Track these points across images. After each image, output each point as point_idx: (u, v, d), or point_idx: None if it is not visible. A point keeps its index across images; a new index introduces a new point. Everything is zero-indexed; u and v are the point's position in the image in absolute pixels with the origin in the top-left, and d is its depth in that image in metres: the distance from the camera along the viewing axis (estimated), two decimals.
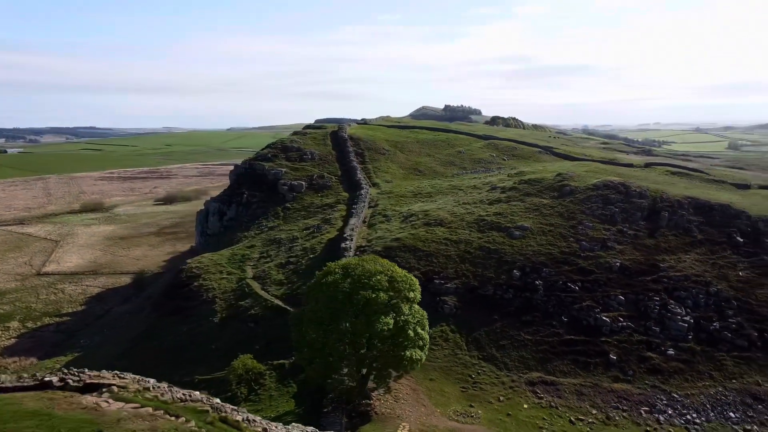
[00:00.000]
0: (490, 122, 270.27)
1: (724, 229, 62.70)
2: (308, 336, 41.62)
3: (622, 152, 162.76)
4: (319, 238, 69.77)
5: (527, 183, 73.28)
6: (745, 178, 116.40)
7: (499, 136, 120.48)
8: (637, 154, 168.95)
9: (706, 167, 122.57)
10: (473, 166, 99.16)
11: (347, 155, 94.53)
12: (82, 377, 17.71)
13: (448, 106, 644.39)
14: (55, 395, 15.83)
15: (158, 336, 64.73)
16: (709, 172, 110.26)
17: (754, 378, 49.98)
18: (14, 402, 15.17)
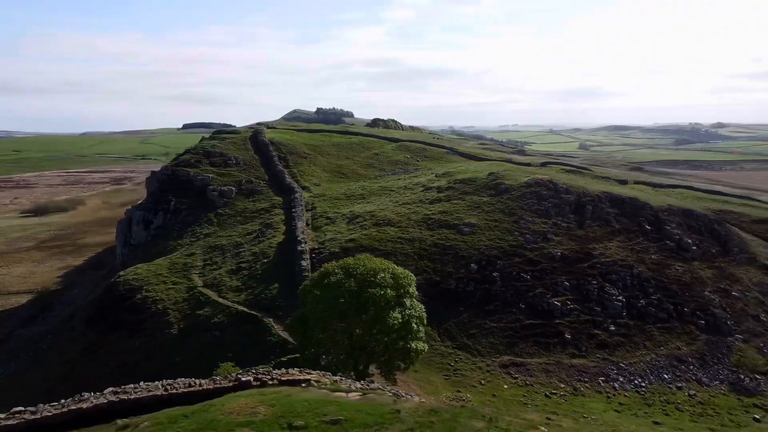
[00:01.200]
0: (371, 124, 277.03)
1: (635, 219, 71.93)
2: (315, 337, 42.66)
3: (502, 151, 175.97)
4: (267, 243, 69.53)
5: (462, 183, 78.30)
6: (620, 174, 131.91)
7: (407, 139, 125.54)
8: (513, 153, 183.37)
9: (586, 165, 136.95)
10: (392, 168, 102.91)
11: (271, 160, 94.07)
12: (273, 376, 18.44)
13: (320, 109, 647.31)
14: (292, 389, 16.64)
15: (103, 354, 61.12)
16: (593, 170, 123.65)
17: (675, 344, 58.45)
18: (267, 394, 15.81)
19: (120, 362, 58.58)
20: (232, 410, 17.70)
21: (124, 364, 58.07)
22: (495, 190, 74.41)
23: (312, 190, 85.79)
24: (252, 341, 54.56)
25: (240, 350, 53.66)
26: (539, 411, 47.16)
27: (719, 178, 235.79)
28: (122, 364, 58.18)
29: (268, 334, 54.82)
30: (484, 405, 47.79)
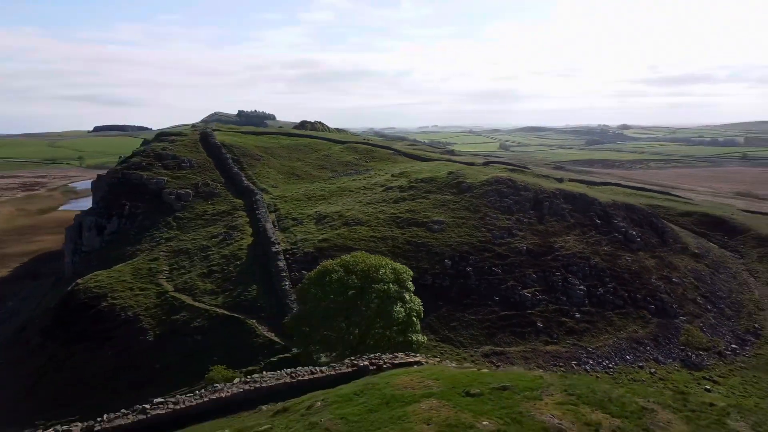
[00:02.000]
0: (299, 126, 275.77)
1: (586, 213, 76.96)
2: (320, 333, 43.56)
3: (433, 152, 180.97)
4: (237, 245, 68.98)
5: (424, 182, 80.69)
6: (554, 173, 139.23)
7: (352, 140, 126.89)
8: (444, 153, 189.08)
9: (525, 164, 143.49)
10: (343, 169, 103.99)
11: (225, 162, 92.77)
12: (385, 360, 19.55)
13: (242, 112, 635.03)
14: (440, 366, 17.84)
15: (70, 366, 58.75)
16: (531, 169, 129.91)
17: (632, 328, 63.34)
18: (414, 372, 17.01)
19: (92, 373, 56.56)
20: (404, 385, 18.69)
21: (97, 374, 56.15)
22: (457, 189, 77.32)
23: (271, 192, 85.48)
24: (237, 343, 54.31)
25: (226, 353, 53.29)
26: None
27: (631, 176, 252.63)
28: (95, 374, 56.24)
29: (254, 335, 54.78)
30: None
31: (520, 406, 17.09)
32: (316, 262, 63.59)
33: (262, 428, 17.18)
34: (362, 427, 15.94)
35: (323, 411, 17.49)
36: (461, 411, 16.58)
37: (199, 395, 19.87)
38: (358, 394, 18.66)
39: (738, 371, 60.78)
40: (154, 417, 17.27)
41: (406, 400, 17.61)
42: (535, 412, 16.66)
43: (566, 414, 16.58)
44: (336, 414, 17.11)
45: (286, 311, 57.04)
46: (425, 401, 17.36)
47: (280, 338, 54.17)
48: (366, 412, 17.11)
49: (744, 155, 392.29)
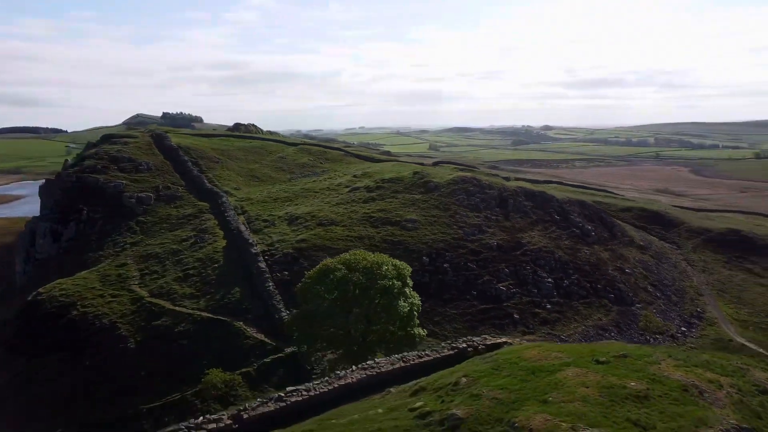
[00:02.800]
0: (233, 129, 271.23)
1: (546, 210, 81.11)
2: (326, 330, 44.39)
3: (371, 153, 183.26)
4: (211, 248, 68.13)
5: (390, 182, 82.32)
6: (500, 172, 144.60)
7: (308, 142, 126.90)
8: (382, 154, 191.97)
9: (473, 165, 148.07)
10: (301, 171, 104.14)
11: (184, 165, 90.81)
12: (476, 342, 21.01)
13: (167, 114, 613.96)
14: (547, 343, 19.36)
15: (42, 379, 56.38)
16: (479, 169, 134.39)
17: (597, 316, 67.62)
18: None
19: (69, 385, 54.64)
20: (536, 358, 20.00)
21: (75, 385, 54.29)
22: (425, 188, 79.50)
23: (235, 194, 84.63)
24: (226, 346, 54.01)
25: (215, 356, 52.90)
26: None
27: (561, 174, 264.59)
28: (73, 386, 54.35)
29: (243, 337, 54.64)
30: None
31: (649, 369, 19.03)
32: (297, 262, 64.12)
33: (415, 405, 18.16)
34: (528, 394, 17.31)
35: (474, 385, 18.67)
36: (605, 375, 18.31)
37: (327, 382, 20.58)
38: (496, 369, 19.99)
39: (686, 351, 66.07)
40: (294, 404, 17.89)
41: (550, 370, 19.17)
42: (665, 373, 18.63)
43: (689, 374, 18.68)
44: (493, 385, 18.39)
45: (272, 312, 57.24)
46: (567, 369, 18.97)
47: (270, 339, 54.35)
48: (520, 382, 18.54)
49: (657, 155, 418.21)
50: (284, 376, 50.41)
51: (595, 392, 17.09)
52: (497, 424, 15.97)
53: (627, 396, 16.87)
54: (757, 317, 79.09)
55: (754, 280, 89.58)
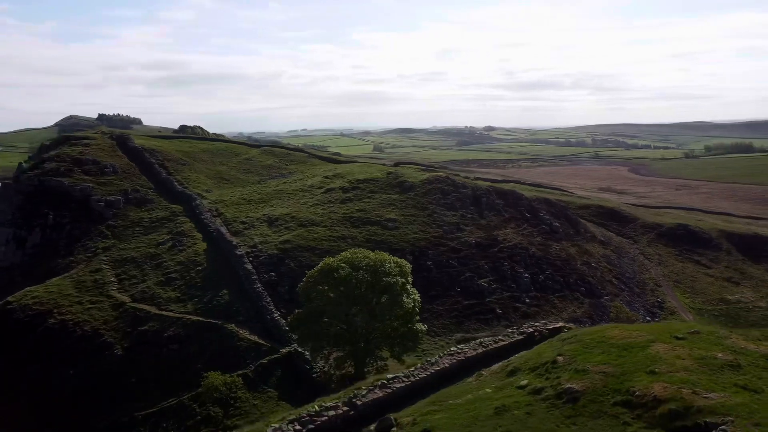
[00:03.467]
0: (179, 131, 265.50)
1: (517, 208, 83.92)
2: (333, 329, 44.96)
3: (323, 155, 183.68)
4: (191, 251, 67.14)
5: (365, 182, 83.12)
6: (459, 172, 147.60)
7: (271, 144, 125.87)
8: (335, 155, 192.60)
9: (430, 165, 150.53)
10: (268, 173, 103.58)
11: (152, 167, 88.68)
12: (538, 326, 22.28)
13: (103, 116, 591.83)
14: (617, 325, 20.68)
15: (23, 392, 54.23)
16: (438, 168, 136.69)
17: (572, 309, 70.61)
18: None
19: (54, 396, 52.87)
20: (620, 336, 21.19)
21: (61, 395, 52.55)
22: (401, 188, 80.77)
23: (207, 197, 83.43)
24: (220, 349, 53.55)
25: (209, 359, 52.41)
26: None
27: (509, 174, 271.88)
28: (58, 396, 52.61)
29: (236, 339, 54.30)
30: None
31: (725, 342, 20.69)
32: (283, 263, 64.15)
33: (521, 383, 19.17)
34: (632, 367, 18.56)
35: (573, 363, 19.82)
36: (691, 348, 19.82)
37: (423, 368, 21.36)
38: (587, 347, 21.20)
39: None
40: (399, 389, 18.62)
41: (641, 346, 20.55)
42: (742, 346, 20.33)
43: (760, 346, 20.48)
44: (594, 361, 19.59)
45: (264, 313, 57.12)
46: (654, 345, 20.37)
47: (264, 340, 54.22)
48: (617, 357, 19.84)
49: (596, 155, 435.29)
50: (282, 377, 50.56)
51: (692, 363, 18.68)
52: (616, 394, 17.33)
53: (722, 365, 18.57)
54: (710, 306, 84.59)
55: (703, 271, 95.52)
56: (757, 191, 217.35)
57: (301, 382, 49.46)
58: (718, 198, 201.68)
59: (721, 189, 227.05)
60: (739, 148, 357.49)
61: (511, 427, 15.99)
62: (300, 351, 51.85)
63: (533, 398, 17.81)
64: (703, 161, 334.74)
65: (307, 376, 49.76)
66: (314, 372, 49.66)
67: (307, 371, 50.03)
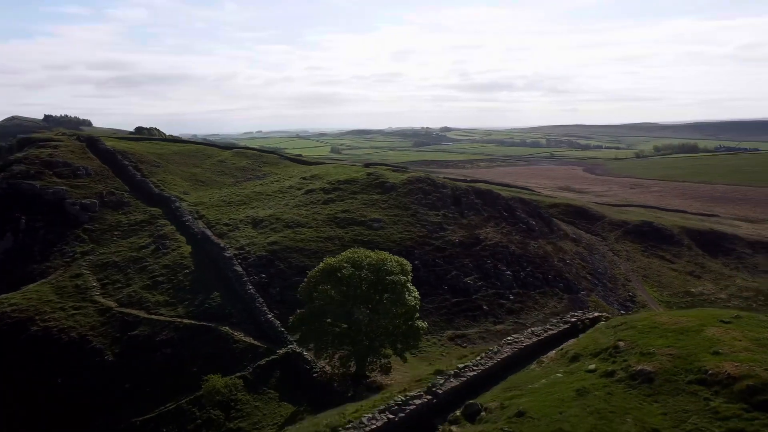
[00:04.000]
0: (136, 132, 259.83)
1: (495, 207, 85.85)
2: (338, 328, 45.40)
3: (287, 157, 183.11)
4: (176, 254, 66.22)
5: (346, 183, 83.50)
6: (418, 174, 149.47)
7: (242, 146, 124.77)
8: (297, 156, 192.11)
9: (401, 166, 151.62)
10: (243, 174, 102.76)
11: (125, 169, 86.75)
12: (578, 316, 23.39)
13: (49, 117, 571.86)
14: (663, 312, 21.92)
15: (10, 403, 52.60)
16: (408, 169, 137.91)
17: (552, 304, 72.75)
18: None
19: (44, 404, 51.54)
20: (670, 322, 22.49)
21: (52, 404, 51.24)
22: (382, 189, 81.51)
23: (186, 199, 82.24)
24: (215, 352, 53.20)
25: (205, 363, 52.02)
26: None
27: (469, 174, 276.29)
28: (49, 404, 51.30)
29: (232, 341, 54.02)
30: None
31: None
32: (272, 264, 64.06)
33: (589, 367, 20.08)
34: (695, 349, 19.66)
35: (635, 347, 20.86)
36: (742, 331, 21.14)
37: (489, 357, 22.11)
38: (643, 333, 22.28)
39: None
40: (471, 378, 19.30)
41: (695, 330, 21.76)
42: None
43: None
44: (656, 345, 20.66)
45: (257, 315, 56.96)
46: (708, 329, 21.64)
47: (260, 341, 54.08)
48: (676, 341, 20.96)
49: (551, 155, 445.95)
50: (281, 378, 50.54)
51: (750, 344, 20.12)
52: (688, 373, 18.53)
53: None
54: (677, 298, 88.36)
55: (667, 266, 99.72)
56: (704, 189, 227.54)
57: (302, 382, 49.58)
58: (670, 196, 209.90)
59: (671, 188, 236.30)
60: (686, 149, 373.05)
61: (598, 405, 17.03)
62: (298, 351, 52.03)
63: (607, 380, 18.90)
64: (653, 161, 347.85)
65: (307, 376, 49.93)
66: (314, 372, 49.90)
67: (307, 371, 50.21)
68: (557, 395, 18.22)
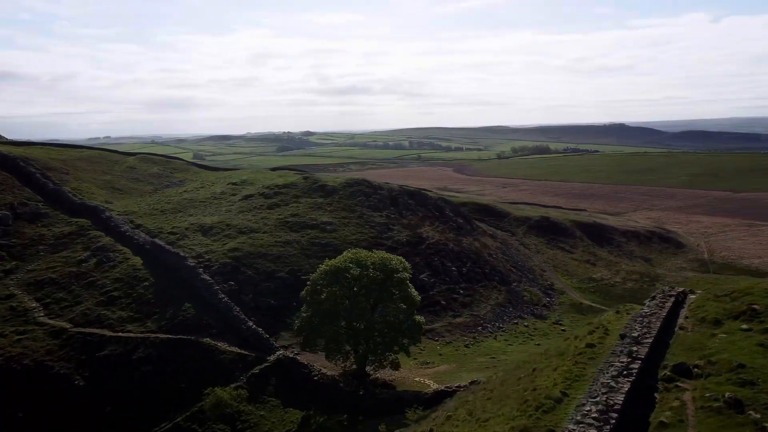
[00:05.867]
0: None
1: (426, 207, 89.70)
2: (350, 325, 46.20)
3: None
4: (126, 266, 61.70)
5: (285, 187, 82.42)
6: None
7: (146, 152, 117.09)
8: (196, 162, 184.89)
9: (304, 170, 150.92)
10: (159, 181, 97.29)
11: (33, 177, 78.03)
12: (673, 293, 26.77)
13: None
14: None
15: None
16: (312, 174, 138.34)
17: (495, 295, 77.93)
18: None
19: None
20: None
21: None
22: (323, 192, 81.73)
23: (112, 209, 76.32)
24: (201, 365, 51.14)
25: (193, 376, 49.90)
26: (482, 355, 60.03)
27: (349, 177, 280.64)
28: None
29: (218, 352, 52.14)
30: (443, 361, 57.71)
31: None
32: (239, 271, 62.47)
33: (741, 327, 22.68)
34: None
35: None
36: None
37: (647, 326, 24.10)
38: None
39: (561, 314, 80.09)
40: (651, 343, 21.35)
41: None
42: None
43: None
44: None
45: (237, 324, 55.34)
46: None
47: (247, 350, 52.64)
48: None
49: (419, 157, 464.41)
50: (278, 385, 49.81)
51: None
52: None
53: None
54: (584, 284, 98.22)
55: (569, 256, 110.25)
56: (565, 187, 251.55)
57: (302, 386, 49.26)
58: (539, 194, 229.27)
59: (537, 186, 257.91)
60: (540, 150, 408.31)
61: None
62: (290, 356, 51.60)
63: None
64: (514, 161, 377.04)
65: (307, 379, 49.68)
66: (314, 375, 49.81)
67: (306, 375, 49.97)
68: (746, 349, 21.38)
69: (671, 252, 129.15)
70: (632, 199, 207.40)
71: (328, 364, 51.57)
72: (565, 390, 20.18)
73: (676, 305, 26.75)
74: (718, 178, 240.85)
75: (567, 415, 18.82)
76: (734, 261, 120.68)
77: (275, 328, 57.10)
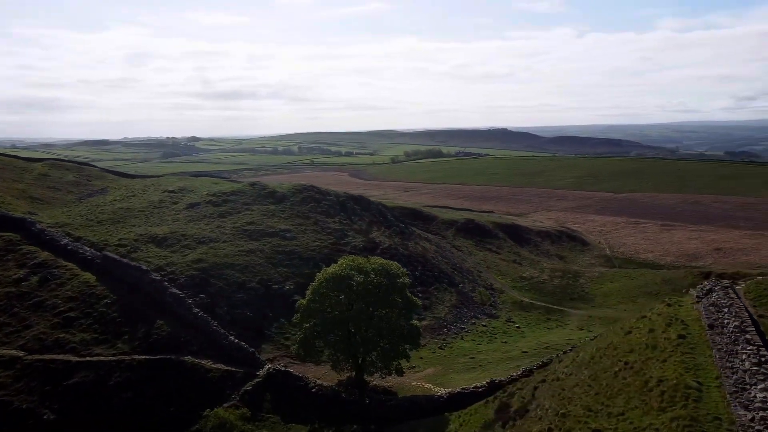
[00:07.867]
0: None
1: (371, 212, 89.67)
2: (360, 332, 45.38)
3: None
4: (77, 283, 55.98)
5: (233, 194, 78.65)
6: None
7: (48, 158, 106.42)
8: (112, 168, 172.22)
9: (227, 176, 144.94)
10: (79, 190, 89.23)
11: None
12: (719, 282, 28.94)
13: None
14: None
15: None
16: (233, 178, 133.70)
17: (448, 298, 79.34)
18: None
19: None
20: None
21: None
22: (273, 198, 79.05)
23: (41, 220, 68.93)
24: (189, 384, 47.83)
25: (182, 397, 46.39)
26: (460, 356, 61.05)
27: None
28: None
29: (204, 370, 48.91)
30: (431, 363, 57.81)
31: None
32: (209, 283, 59.28)
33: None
34: None
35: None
36: None
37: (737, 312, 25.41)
38: None
39: (509, 313, 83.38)
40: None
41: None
42: None
43: None
44: None
45: (218, 339, 52.25)
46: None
47: (233, 366, 49.79)
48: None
49: (312, 162, 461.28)
50: (273, 399, 47.62)
51: None
52: None
53: None
54: (518, 283, 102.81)
55: (498, 257, 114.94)
56: (465, 190, 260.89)
57: (301, 399, 47.38)
58: (442, 197, 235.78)
59: (438, 189, 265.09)
60: (433, 153, 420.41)
61: None
62: (282, 369, 49.56)
63: None
64: (408, 165, 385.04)
65: (304, 392, 47.85)
66: (311, 386, 48.13)
67: (302, 387, 48.15)
68: None
69: (579, 249, 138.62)
70: (530, 201, 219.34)
71: (322, 375, 50.17)
72: (697, 379, 21.38)
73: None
74: (598, 180, 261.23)
75: (717, 402, 19.92)
76: (633, 256, 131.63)
77: (257, 341, 54.55)
